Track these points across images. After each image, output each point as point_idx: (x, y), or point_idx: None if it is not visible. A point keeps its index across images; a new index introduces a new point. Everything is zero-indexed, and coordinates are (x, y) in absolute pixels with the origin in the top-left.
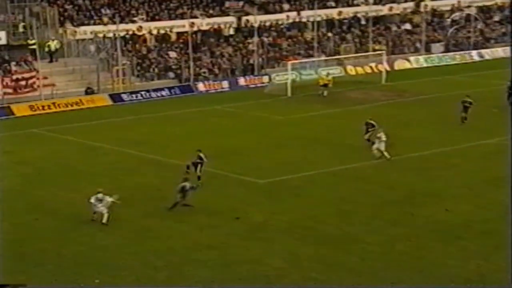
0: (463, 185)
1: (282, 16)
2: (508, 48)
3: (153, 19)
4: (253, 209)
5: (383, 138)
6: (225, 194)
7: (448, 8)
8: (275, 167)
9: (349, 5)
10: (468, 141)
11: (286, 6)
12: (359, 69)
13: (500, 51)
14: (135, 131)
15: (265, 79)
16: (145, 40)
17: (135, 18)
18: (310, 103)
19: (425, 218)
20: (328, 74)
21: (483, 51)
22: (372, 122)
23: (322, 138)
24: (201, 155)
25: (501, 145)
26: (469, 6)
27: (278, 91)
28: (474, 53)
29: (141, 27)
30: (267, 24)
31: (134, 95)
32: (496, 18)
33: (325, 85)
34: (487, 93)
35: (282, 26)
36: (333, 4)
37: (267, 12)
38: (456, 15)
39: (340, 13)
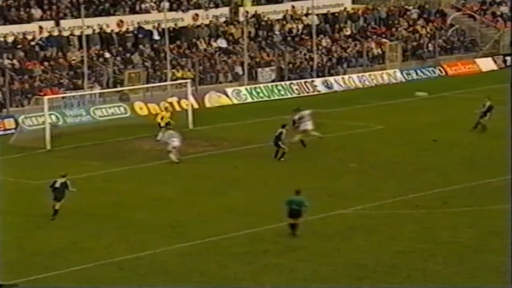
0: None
1: (32, 27)
2: (366, 74)
3: None
4: None
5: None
6: None
7: (279, 16)
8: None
9: (133, 11)
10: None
11: (37, 12)
12: (153, 107)
13: (354, 79)
14: None
15: (9, 123)
16: None
17: None
18: (81, 158)
19: None
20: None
21: (331, 78)
22: None
23: (102, 214)
24: None
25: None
26: (308, 14)
27: (31, 142)
28: (318, 81)
29: None
30: (9, 39)
31: None
32: (347, 32)
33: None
34: (340, 140)
35: (33, 43)
36: (111, 10)
37: (8, 21)
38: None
39: (121, 23)
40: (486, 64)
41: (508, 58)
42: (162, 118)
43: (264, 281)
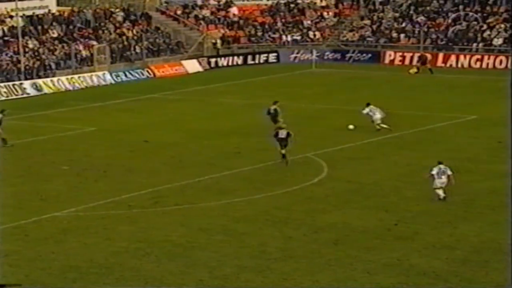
0: None
1: None
2: (75, 76)
3: None
4: None
5: None
6: None
7: None
8: None
9: None
10: None
11: None
12: None
13: (64, 81)
14: None
15: None
16: None
17: None
18: None
19: None
20: None
21: (40, 81)
22: None
23: None
24: None
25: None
26: (12, 16)
27: None
28: (27, 84)
29: None
30: None
31: None
32: (54, 34)
33: None
34: (52, 142)
35: None
36: None
37: None
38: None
39: None
40: (192, 66)
41: (212, 60)
42: None
43: None
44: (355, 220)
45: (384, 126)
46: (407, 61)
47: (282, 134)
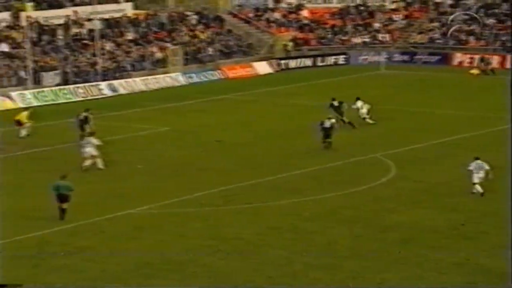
0: None
1: None
2: (149, 77)
3: None
4: None
5: None
6: None
7: (62, 21)
8: None
9: None
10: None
11: None
12: None
13: (139, 83)
14: None
15: None
16: None
17: None
18: None
19: None
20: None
21: (115, 82)
22: None
23: None
24: None
25: None
26: (91, 20)
27: None
28: (103, 85)
29: None
30: None
31: None
32: (130, 37)
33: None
34: (127, 142)
35: None
36: None
37: None
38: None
39: None
40: (263, 67)
41: (282, 61)
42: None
43: (53, 282)
44: (423, 219)
45: (370, 121)
46: (475, 64)
47: (327, 124)
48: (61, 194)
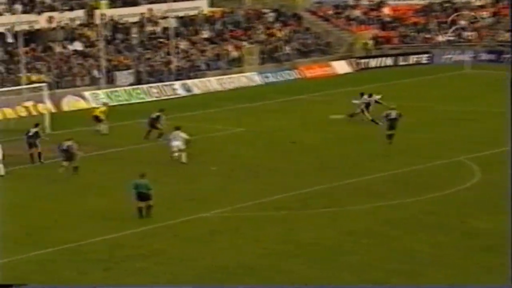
0: None
1: None
2: (224, 77)
3: None
4: None
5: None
6: None
7: (136, 19)
8: None
9: None
10: None
11: None
12: (8, 111)
13: (213, 82)
14: None
15: None
16: None
17: None
18: None
19: None
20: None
21: (189, 82)
22: None
23: None
24: None
25: None
26: (165, 17)
27: None
28: (178, 84)
29: None
30: None
31: None
32: (205, 35)
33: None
34: (201, 143)
35: None
36: None
37: None
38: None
39: None
40: (342, 66)
41: (361, 61)
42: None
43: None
44: (508, 226)
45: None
46: None
47: (392, 115)
48: (140, 192)
